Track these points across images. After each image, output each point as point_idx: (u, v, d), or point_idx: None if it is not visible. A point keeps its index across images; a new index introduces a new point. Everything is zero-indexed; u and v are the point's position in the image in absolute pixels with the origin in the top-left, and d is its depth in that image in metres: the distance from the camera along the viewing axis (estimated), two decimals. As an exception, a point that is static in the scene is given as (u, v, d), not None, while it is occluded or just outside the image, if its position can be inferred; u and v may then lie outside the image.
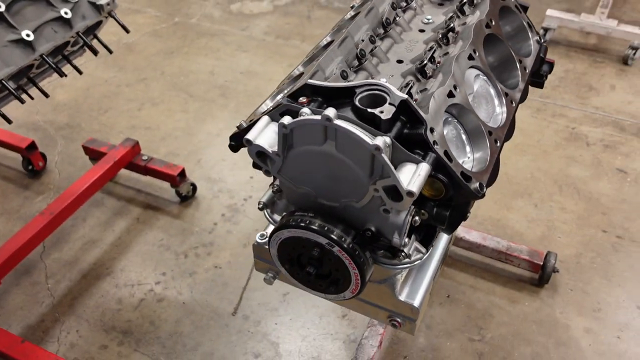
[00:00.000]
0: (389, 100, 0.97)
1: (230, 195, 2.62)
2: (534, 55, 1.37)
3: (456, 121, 1.11)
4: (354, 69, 1.18)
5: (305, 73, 1.13)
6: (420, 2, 1.40)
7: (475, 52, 1.18)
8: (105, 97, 3.23)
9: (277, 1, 4.13)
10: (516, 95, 1.26)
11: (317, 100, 1.01)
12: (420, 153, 0.98)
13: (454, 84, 1.09)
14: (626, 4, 3.98)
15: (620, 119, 3.02)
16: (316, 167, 1.00)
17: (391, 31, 1.27)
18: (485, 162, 1.09)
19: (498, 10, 1.32)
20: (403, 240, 1.00)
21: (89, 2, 1.77)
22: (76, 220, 2.49)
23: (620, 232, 2.43)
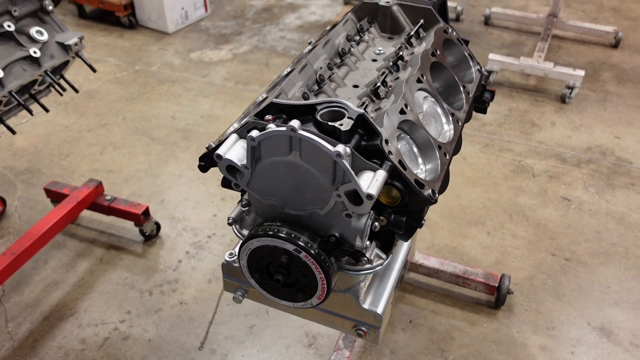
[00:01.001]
0: (348, 115, 1.07)
1: (194, 233, 2.65)
2: (475, 82, 1.51)
3: (408, 137, 1.22)
4: (314, 92, 1.28)
5: (269, 97, 1.22)
6: (372, 36, 1.54)
7: (423, 76, 1.31)
8: (66, 142, 3.25)
9: (236, 49, 4.29)
10: (462, 115, 1.38)
11: (281, 117, 1.10)
12: (378, 162, 1.07)
13: (405, 102, 1.21)
14: (561, 49, 4.31)
15: (561, 152, 3.24)
16: (282, 177, 1.08)
17: (347, 60, 1.39)
18: (437, 172, 1.19)
19: (441, 41, 1.47)
20: (365, 243, 1.08)
21: (57, 43, 1.84)
22: (37, 262, 2.47)
23: (568, 254, 2.58)
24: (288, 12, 4.93)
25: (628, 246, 2.63)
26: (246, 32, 4.55)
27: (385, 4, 1.53)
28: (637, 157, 3.21)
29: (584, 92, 3.76)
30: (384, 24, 1.57)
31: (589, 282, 2.45)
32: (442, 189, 1.18)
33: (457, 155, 3.28)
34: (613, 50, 4.31)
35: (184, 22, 4.59)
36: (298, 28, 4.64)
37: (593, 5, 5.11)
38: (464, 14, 4.75)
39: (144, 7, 4.47)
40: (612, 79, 3.95)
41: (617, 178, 3.05)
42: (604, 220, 2.77)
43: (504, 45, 4.37)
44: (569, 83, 3.59)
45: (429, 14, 1.52)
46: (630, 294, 2.40)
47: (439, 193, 1.15)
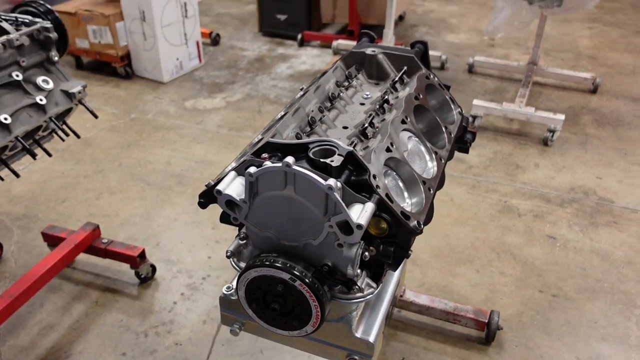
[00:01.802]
0: (338, 152, 1.16)
1: (189, 275, 2.69)
2: (457, 123, 1.62)
3: (395, 173, 1.31)
4: (307, 133, 1.38)
5: (265, 137, 1.32)
6: (360, 82, 1.65)
7: (407, 118, 1.41)
8: (62, 188, 3.32)
9: (229, 97, 4.43)
10: (444, 153, 1.48)
11: (277, 155, 1.19)
12: (366, 195, 1.16)
13: (391, 141, 1.30)
14: (542, 95, 4.49)
15: (545, 192, 3.35)
16: (278, 210, 1.16)
17: (337, 104, 1.50)
18: (422, 205, 1.28)
19: (424, 86, 1.58)
20: (356, 271, 1.15)
21: (62, 91, 1.94)
22: (33, 306, 2.49)
23: (555, 291, 2.64)
24: (279, 62, 5.12)
25: (613, 282, 2.70)
26: (239, 81, 4.71)
27: (372, 52, 1.65)
28: (618, 196, 3.32)
29: (566, 135, 3.91)
30: (370, 71, 1.68)
31: (576, 317, 2.50)
32: (427, 221, 1.27)
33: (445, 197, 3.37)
34: (592, 96, 4.50)
35: (179, 72, 4.75)
36: (289, 77, 4.81)
37: (571, 53, 5.35)
38: (448, 63, 4.95)
39: (140, 58, 4.63)
40: (591, 123, 4.11)
41: (600, 217, 3.15)
42: (588, 257, 2.85)
43: (487, 91, 4.55)
44: (550, 126, 3.73)
45: (412, 61, 1.64)
46: (616, 329, 2.45)
47: (424, 224, 1.23)
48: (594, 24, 6.09)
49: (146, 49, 4.54)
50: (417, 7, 6.58)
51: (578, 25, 6.05)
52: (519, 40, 5.57)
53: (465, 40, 5.68)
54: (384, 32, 4.64)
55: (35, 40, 1.90)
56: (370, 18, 5.40)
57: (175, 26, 4.59)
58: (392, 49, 1.68)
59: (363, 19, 5.37)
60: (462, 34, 5.85)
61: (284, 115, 1.41)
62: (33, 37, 1.89)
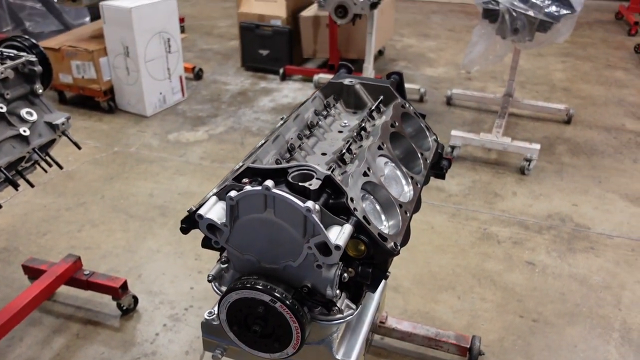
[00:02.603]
0: (316, 176, 1.20)
1: (172, 306, 2.68)
2: (432, 150, 1.68)
3: (372, 197, 1.36)
4: (286, 159, 1.42)
5: (247, 162, 1.36)
6: (338, 111, 1.71)
7: (384, 144, 1.47)
8: (44, 221, 3.30)
9: (212, 130, 4.48)
10: (420, 178, 1.53)
11: (257, 180, 1.23)
12: (344, 218, 1.20)
13: (368, 166, 1.35)
14: (518, 126, 4.62)
15: (524, 219, 3.41)
16: (259, 233, 1.19)
17: (315, 131, 1.55)
18: (398, 228, 1.32)
19: (400, 114, 1.64)
20: (335, 292, 1.18)
21: (45, 122, 1.97)
22: (12, 340, 2.46)
23: (535, 316, 2.68)
24: (262, 95, 5.20)
25: (591, 306, 2.74)
26: (222, 115, 4.77)
27: (349, 83, 1.72)
28: (594, 222, 3.40)
29: (542, 164, 4.01)
30: (348, 100, 1.75)
31: (557, 341, 2.54)
32: (403, 242, 1.30)
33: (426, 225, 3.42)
34: (566, 126, 4.63)
35: (162, 105, 4.80)
36: (271, 110, 4.88)
37: (546, 86, 5.52)
38: (427, 95, 5.08)
39: (123, 92, 4.68)
40: (566, 152, 4.23)
41: (577, 242, 3.21)
42: (567, 282, 2.90)
43: (465, 122, 4.66)
44: (527, 156, 3.83)
45: (388, 91, 1.70)
46: (596, 352, 2.49)
47: (401, 245, 1.27)
48: (566, 57, 6.30)
49: (129, 84, 4.59)
50: (396, 42, 6.76)
51: (552, 59, 6.25)
52: (495, 73, 5.74)
53: (443, 73, 5.83)
54: (364, 67, 4.76)
55: (20, 74, 1.94)
56: (350, 53, 5.53)
57: (158, 61, 4.66)
58: (369, 80, 1.74)
59: (343, 54, 5.50)
60: (440, 67, 6.01)
61: (264, 143, 1.46)
62: (18, 70, 1.93)
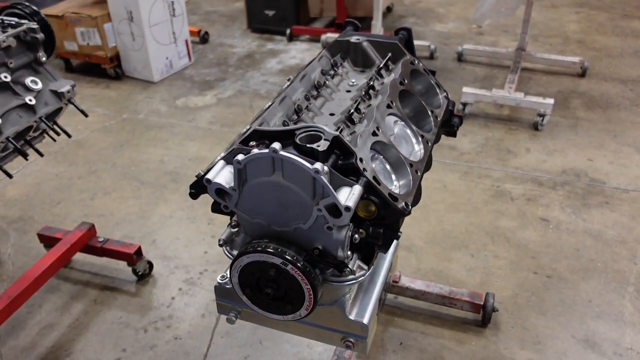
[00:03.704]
0: (324, 137, 1.18)
1: (186, 270, 2.71)
2: (443, 107, 1.64)
3: (381, 157, 1.33)
4: (294, 121, 1.40)
5: (254, 124, 1.33)
6: (345, 70, 1.67)
7: (393, 102, 1.43)
8: (57, 190, 3.32)
9: (220, 95, 4.44)
10: (431, 136, 1.50)
11: (264, 143, 1.21)
12: (354, 179, 1.18)
13: (377, 126, 1.32)
14: (531, 80, 4.52)
15: (537, 176, 3.37)
16: (268, 196, 1.18)
17: (323, 92, 1.52)
18: (409, 187, 1.30)
19: (409, 72, 1.60)
20: (346, 253, 1.17)
21: (51, 91, 1.95)
22: (32, 306, 2.51)
23: (549, 272, 2.67)
24: (269, 57, 5.13)
25: (606, 261, 2.73)
26: (229, 78, 4.72)
27: (356, 40, 1.67)
28: (609, 177, 3.35)
29: (556, 119, 3.93)
30: (355, 59, 1.70)
31: (571, 297, 2.53)
32: (415, 202, 1.29)
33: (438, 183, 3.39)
34: (580, 79, 4.53)
35: (169, 71, 4.76)
36: (279, 72, 4.82)
37: (559, 38, 5.37)
38: (437, 52, 4.97)
39: (129, 58, 4.63)
40: (581, 106, 4.14)
41: (592, 198, 3.18)
42: (581, 238, 2.88)
43: (477, 79, 4.57)
44: (540, 111, 3.76)
45: (396, 48, 1.65)
46: (610, 307, 2.48)
47: (412, 205, 1.25)
48: (581, 8, 6.11)
49: (135, 49, 4.54)
50: (404, -2, 6.59)
51: (565, 10, 6.07)
52: (506, 27, 5.59)
53: (453, 29, 5.69)
54: (372, 24, 4.65)
55: (22, 42, 1.91)
56: (358, 10, 5.41)
57: (163, 25, 4.59)
58: (376, 37, 1.69)
59: (351, 12, 5.38)
60: (450, 23, 5.86)
61: (271, 105, 1.43)
62: (20, 38, 1.90)
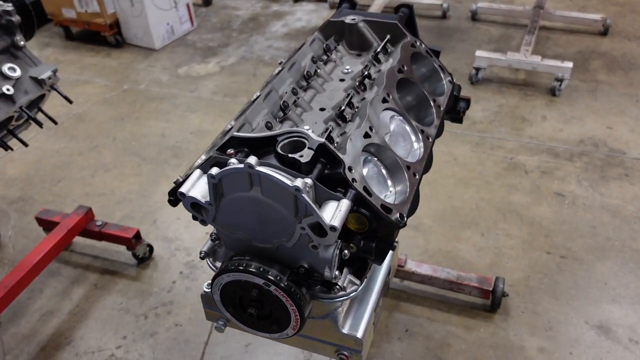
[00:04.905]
0: (308, 145, 1.06)
1: (187, 253, 2.65)
2: (447, 94, 1.50)
3: (376, 159, 1.21)
4: (279, 119, 1.27)
5: (234, 127, 1.22)
6: (340, 55, 1.53)
7: (389, 95, 1.30)
8: (57, 167, 3.26)
9: (223, 62, 4.28)
10: (432, 131, 1.37)
11: (243, 151, 1.10)
12: (342, 191, 1.06)
13: (370, 125, 1.19)
14: (549, 40, 4.28)
15: (553, 146, 3.21)
16: (247, 212, 1.07)
17: (313, 82, 1.38)
18: (406, 194, 1.18)
19: (409, 56, 1.45)
20: (333, 273, 1.07)
21: (31, 78, 1.84)
22: (32, 292, 2.47)
23: (564, 252, 2.56)
24: (274, 20, 4.92)
25: (624, 240, 2.60)
26: (233, 44, 4.55)
27: (351, 21, 1.52)
28: (630, 146, 3.18)
29: (574, 83, 3.73)
30: (351, 41, 1.55)
31: (586, 279, 2.43)
32: (411, 211, 1.17)
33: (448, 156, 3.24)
34: (602, 38, 4.28)
35: (171, 37, 4.59)
36: (284, 36, 4.63)
37: (581, -8, 5.07)
38: (450, 11, 4.72)
39: (129, 25, 4.47)
40: (602, 68, 3.92)
41: (610, 170, 3.02)
42: (598, 214, 2.75)
43: (492, 40, 4.34)
44: (558, 75, 3.56)
45: (396, 28, 1.50)
46: (627, 289, 2.38)
47: (407, 216, 1.14)
48: (605, -42, 5.75)
49: (134, 16, 4.37)
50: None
51: (588, -40, 5.71)
52: (525, -19, 5.28)
53: (468, -16, 5.40)
54: (381, -17, 4.42)
55: (-3, 25, 1.79)
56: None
57: (163, -11, 4.40)
58: (374, 16, 1.54)
59: (360, -31, 5.10)
60: (465, -23, 5.56)
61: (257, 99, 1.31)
62: (-6, 22, 1.77)
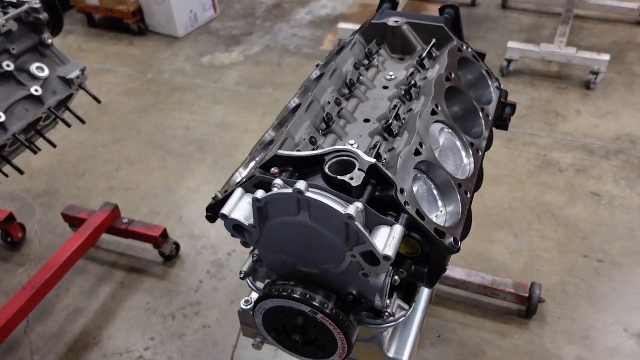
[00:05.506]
0: (358, 166, 0.99)
1: (214, 251, 2.61)
2: (495, 102, 1.42)
3: (426, 177, 1.14)
4: (323, 132, 1.21)
5: (276, 141, 1.16)
6: (382, 59, 1.45)
7: (438, 106, 1.22)
8: (81, 160, 3.23)
9: (248, 51, 4.21)
10: (482, 143, 1.30)
11: (288, 170, 1.03)
12: (393, 214, 1.00)
13: (420, 141, 1.12)
14: (583, 30, 4.13)
15: (588, 143, 3.11)
16: (293, 236, 1.01)
17: (356, 91, 1.31)
18: (458, 215, 1.11)
19: (456, 62, 1.37)
20: (385, 302, 1.02)
21: (59, 77, 1.79)
22: (59, 290, 2.46)
23: (601, 255, 2.47)
24: (299, 7, 4.82)
25: (664, 243, 2.51)
26: (257, 32, 4.46)
27: (394, 24, 1.44)
28: (669, 144, 3.06)
29: (610, 76, 3.60)
30: (394, 44, 1.47)
31: (624, 284, 2.35)
32: (464, 234, 1.11)
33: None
34: (638, 29, 4.11)
35: (194, 24, 4.52)
36: (309, 24, 4.53)
37: (616, -22, 4.88)
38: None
39: (152, 12, 4.41)
40: (638, 60, 3.77)
41: (649, 168, 2.91)
42: (637, 215, 2.65)
43: (523, 29, 4.20)
44: (594, 68, 3.43)
45: (442, 32, 1.42)
46: (668, 296, 2.29)
47: (461, 240, 1.08)
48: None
49: (158, 3, 4.31)
50: None
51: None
52: (557, -34, 5.10)
53: (497, -31, 5.23)
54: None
55: (25, 24, 1.73)
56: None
57: (186, -24, 4.32)
58: (418, 18, 1.45)
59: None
60: (494, -38, 5.39)
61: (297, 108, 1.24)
62: (22, 20, 1.72)
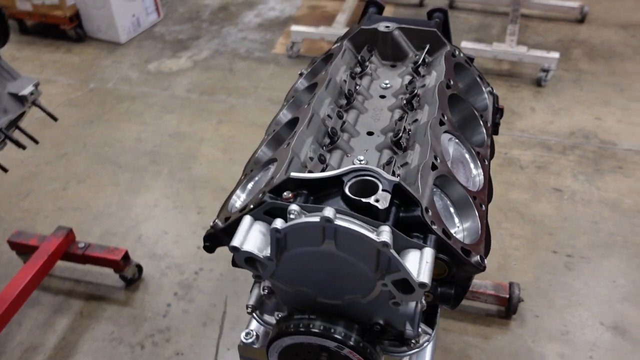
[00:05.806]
0: (382, 187, 0.92)
1: (180, 271, 2.46)
2: (490, 108, 1.38)
3: (440, 191, 1.08)
4: (327, 147, 1.12)
5: (279, 160, 1.06)
6: (374, 67, 1.38)
7: (444, 116, 1.17)
8: (23, 179, 2.98)
9: (196, 56, 4.04)
10: (487, 152, 1.25)
11: (302, 194, 0.94)
12: (420, 236, 0.93)
13: (435, 154, 1.06)
14: (528, 29, 4.24)
15: (545, 139, 3.17)
16: (315, 267, 0.93)
17: (354, 102, 1.24)
18: (477, 231, 1.06)
19: (453, 68, 1.32)
20: (417, 330, 0.95)
21: (10, 94, 1.61)
22: (10, 325, 2.23)
23: (569, 250, 2.51)
24: (246, 9, 4.69)
25: (626, 235, 2.58)
26: (204, 36, 4.30)
27: (385, 29, 1.37)
28: (620, 138, 3.17)
29: (558, 73, 3.70)
30: (384, 50, 1.41)
31: (595, 278, 2.39)
32: (486, 250, 1.05)
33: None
34: (580, 26, 4.27)
35: (137, 29, 4.30)
36: (259, 27, 4.42)
37: (552, -23, 5.05)
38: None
39: (91, 17, 4.16)
40: (583, 57, 3.90)
41: (604, 162, 3.00)
42: (598, 208, 2.72)
43: (471, 29, 4.27)
44: (544, 66, 3.51)
45: (434, 36, 1.37)
46: (636, 287, 2.36)
47: (485, 256, 1.02)
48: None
49: (97, 7, 4.06)
50: None
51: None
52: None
53: (439, -30, 5.30)
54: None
55: (-33, 36, 1.55)
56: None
57: (125, -21, 4.10)
58: (409, 22, 1.40)
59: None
60: (435, -37, 5.46)
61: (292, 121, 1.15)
62: (-37, 32, 1.54)
